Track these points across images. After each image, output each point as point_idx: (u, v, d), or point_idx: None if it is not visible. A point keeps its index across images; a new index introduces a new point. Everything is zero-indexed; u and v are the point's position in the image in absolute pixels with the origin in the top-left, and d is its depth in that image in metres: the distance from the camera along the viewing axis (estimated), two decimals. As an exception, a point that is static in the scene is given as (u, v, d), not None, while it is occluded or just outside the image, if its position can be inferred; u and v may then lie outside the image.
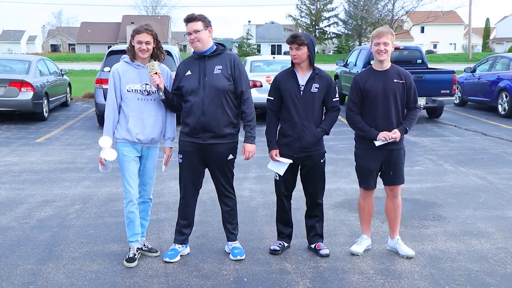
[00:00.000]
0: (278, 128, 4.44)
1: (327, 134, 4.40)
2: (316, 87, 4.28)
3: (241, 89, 4.23)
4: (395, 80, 4.24)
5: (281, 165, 4.34)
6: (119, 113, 4.21)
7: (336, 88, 4.47)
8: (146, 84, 4.17)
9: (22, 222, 5.27)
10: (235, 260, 4.33)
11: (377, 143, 4.26)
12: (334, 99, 4.38)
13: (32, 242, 4.73)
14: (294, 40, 4.21)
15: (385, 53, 4.20)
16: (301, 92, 4.27)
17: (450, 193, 6.39)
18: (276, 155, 4.34)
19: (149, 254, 4.39)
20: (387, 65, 4.29)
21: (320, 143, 4.41)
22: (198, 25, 4.12)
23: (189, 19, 4.15)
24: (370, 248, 4.59)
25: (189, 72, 4.18)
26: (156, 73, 4.11)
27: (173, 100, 4.24)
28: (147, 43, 4.10)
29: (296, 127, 4.29)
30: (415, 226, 5.21)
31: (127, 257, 4.25)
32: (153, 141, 4.26)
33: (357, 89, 4.33)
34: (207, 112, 4.12)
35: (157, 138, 4.27)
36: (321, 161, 4.44)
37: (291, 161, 4.32)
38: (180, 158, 4.30)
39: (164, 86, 4.17)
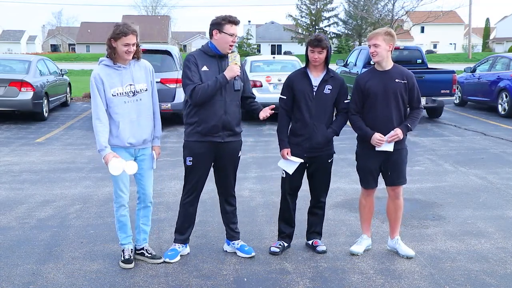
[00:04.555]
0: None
1: (337, 135, 4.45)
2: (329, 89, 4.33)
3: (250, 91, 4.44)
4: (396, 80, 4.24)
5: (292, 164, 4.37)
6: None
7: (347, 90, 4.49)
8: (130, 84, 4.04)
9: (22, 222, 5.27)
10: (249, 257, 4.36)
11: (377, 148, 4.26)
12: (345, 101, 4.44)
13: (32, 242, 4.72)
14: (319, 43, 4.22)
15: (375, 54, 4.21)
16: (314, 93, 4.32)
17: (450, 193, 6.39)
18: (287, 153, 4.36)
19: (152, 261, 4.27)
20: (388, 65, 4.28)
21: (330, 144, 4.46)
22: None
23: (237, 23, 4.15)
24: (370, 248, 4.59)
25: (205, 68, 4.13)
26: (236, 63, 4.10)
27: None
28: (134, 44, 3.98)
29: (307, 127, 4.33)
30: (415, 226, 5.21)
31: (122, 258, 4.20)
32: (145, 141, 4.18)
33: (358, 89, 4.34)
34: (229, 111, 4.18)
35: (149, 138, 4.18)
36: (329, 161, 4.49)
37: (302, 160, 4.35)
38: (190, 161, 4.25)
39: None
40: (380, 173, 4.46)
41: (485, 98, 14.03)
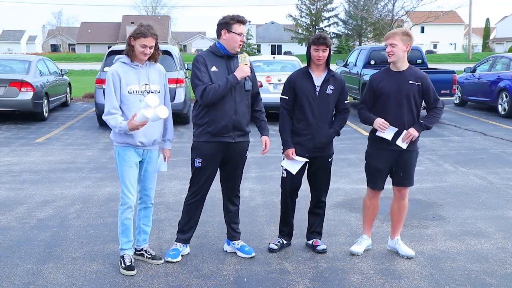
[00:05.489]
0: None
1: (339, 135, 4.48)
2: (331, 89, 4.36)
3: (257, 90, 4.42)
4: (410, 82, 4.22)
5: (296, 163, 4.37)
6: None
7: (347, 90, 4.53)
8: (146, 84, 4.05)
9: (22, 222, 5.27)
10: (249, 258, 4.36)
11: (378, 133, 4.24)
12: (345, 101, 4.48)
13: (32, 242, 4.72)
14: (324, 41, 4.24)
15: (392, 54, 4.20)
16: (317, 93, 4.33)
17: (450, 193, 6.39)
18: (292, 153, 4.36)
19: (152, 261, 4.27)
20: (404, 66, 4.26)
21: (331, 144, 4.48)
22: None
23: (245, 22, 4.18)
24: (370, 248, 4.59)
25: (214, 68, 4.13)
26: (246, 64, 4.13)
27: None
28: (151, 47, 4.00)
29: (310, 127, 4.34)
30: (415, 226, 5.21)
31: (123, 265, 4.10)
32: (155, 142, 4.16)
33: (370, 88, 4.35)
34: (239, 111, 4.19)
35: (158, 139, 4.18)
36: (329, 160, 4.51)
37: (307, 160, 4.35)
38: (199, 162, 4.22)
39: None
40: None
41: (485, 98, 14.03)
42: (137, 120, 3.83)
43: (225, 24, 4.13)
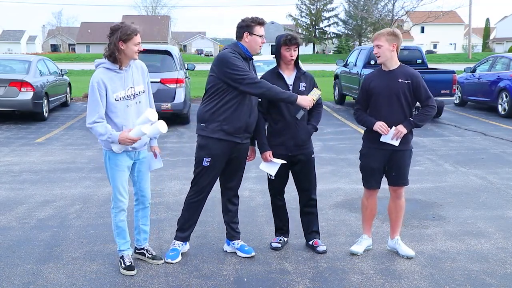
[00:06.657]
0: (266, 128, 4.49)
1: (317, 130, 4.52)
2: (303, 86, 4.39)
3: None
4: (399, 80, 4.23)
5: (274, 165, 4.37)
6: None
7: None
8: (131, 87, 3.94)
9: (22, 222, 5.27)
10: (249, 257, 4.36)
11: (382, 139, 4.25)
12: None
13: (32, 242, 4.72)
14: (296, 40, 4.30)
15: (379, 56, 4.22)
16: (290, 91, 4.32)
17: (450, 193, 6.40)
18: (269, 156, 4.36)
19: (152, 261, 4.26)
20: (394, 65, 4.28)
21: (311, 140, 4.52)
22: None
23: (265, 24, 4.23)
24: (371, 248, 4.59)
25: None
26: (313, 99, 4.18)
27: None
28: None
29: (290, 126, 4.35)
30: (415, 226, 5.22)
31: (123, 265, 4.10)
32: (146, 144, 4.13)
33: (363, 88, 4.39)
34: (252, 114, 4.24)
35: (147, 141, 4.14)
36: (312, 156, 4.54)
37: (284, 161, 4.35)
38: (207, 162, 4.21)
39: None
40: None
41: (485, 98, 14.03)
42: (132, 135, 3.77)
43: (247, 27, 4.15)
